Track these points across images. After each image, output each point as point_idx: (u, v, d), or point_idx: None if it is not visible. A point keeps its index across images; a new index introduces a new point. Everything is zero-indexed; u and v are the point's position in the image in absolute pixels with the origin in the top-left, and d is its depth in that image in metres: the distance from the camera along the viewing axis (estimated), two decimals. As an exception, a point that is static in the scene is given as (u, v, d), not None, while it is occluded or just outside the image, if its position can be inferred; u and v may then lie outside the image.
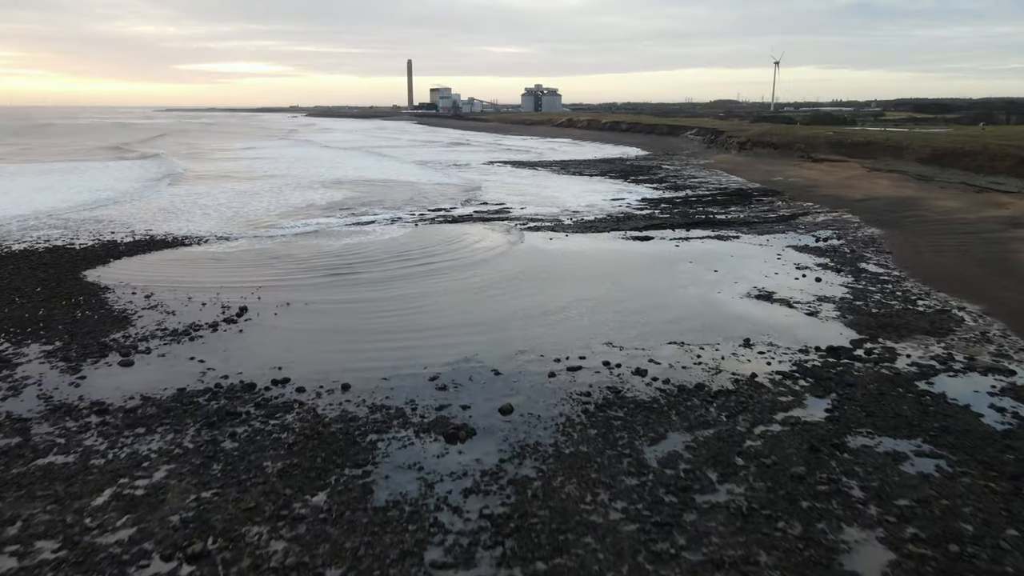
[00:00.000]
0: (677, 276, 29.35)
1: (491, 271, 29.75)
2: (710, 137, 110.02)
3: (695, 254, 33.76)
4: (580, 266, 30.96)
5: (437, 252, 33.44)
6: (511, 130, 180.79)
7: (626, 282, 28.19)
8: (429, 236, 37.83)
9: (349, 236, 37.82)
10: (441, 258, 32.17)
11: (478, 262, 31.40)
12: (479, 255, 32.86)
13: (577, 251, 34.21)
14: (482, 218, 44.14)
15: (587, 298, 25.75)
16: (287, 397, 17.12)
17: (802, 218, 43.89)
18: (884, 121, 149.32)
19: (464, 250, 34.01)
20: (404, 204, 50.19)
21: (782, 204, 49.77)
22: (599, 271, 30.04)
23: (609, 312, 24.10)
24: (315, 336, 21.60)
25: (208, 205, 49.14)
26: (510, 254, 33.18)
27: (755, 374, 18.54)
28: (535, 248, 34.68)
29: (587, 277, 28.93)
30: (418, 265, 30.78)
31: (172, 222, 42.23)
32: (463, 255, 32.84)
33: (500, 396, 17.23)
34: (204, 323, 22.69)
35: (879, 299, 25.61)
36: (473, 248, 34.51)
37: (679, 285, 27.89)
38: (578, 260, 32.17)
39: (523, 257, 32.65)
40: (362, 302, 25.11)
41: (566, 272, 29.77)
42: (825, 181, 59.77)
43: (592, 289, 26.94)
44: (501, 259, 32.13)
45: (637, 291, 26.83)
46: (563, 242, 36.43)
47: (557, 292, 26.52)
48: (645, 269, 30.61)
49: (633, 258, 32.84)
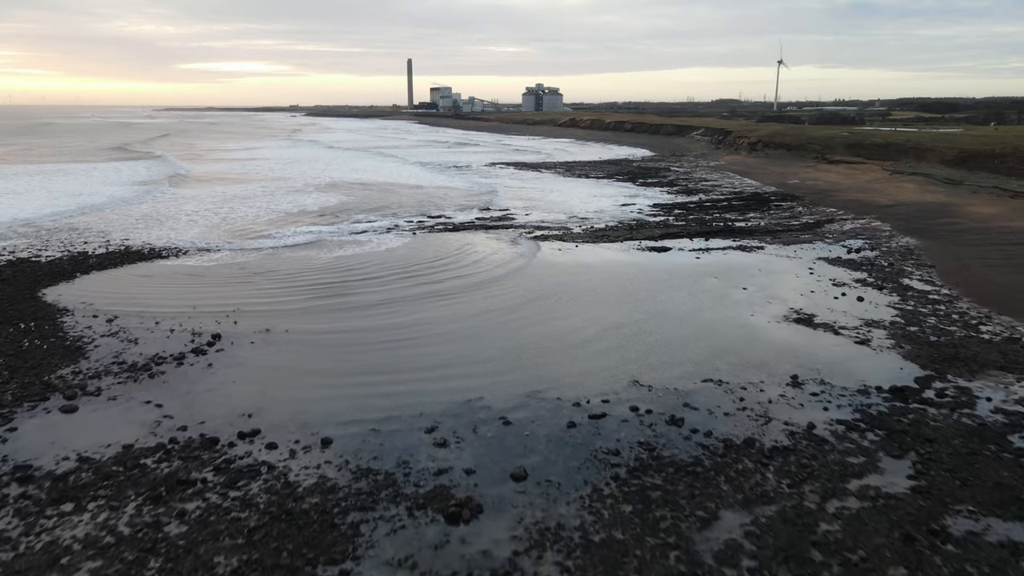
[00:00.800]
0: (702, 295, 26.43)
1: (496, 292, 26.79)
2: (718, 137, 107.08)
3: (719, 268, 30.84)
4: (594, 284, 28.03)
5: (436, 268, 30.49)
6: (512, 130, 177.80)
7: (647, 303, 25.27)
8: (428, 248, 34.90)
9: (341, 247, 34.90)
10: (440, 275, 29.21)
11: (481, 282, 28.42)
12: (482, 272, 29.91)
13: (589, 265, 31.28)
14: (485, 226, 41.24)
15: (605, 324, 22.83)
16: (254, 457, 14.20)
17: (828, 226, 40.96)
18: (892, 121, 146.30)
19: (465, 265, 31.07)
20: (402, 210, 47.28)
21: (803, 210, 46.83)
22: (615, 290, 27.11)
23: (631, 341, 21.17)
24: (294, 373, 18.68)
25: (195, 211, 46.25)
26: (516, 270, 30.24)
27: (812, 424, 15.63)
28: (543, 262, 31.74)
29: (603, 297, 26.00)
30: (414, 284, 27.81)
31: (154, 230, 39.36)
32: (464, 271, 29.88)
33: (511, 455, 14.34)
34: (169, 355, 19.78)
35: (935, 324, 22.68)
36: (475, 263, 31.56)
37: (706, 306, 24.97)
38: (591, 276, 29.24)
39: (531, 274, 29.73)
40: (350, 331, 22.13)
41: (579, 291, 26.83)
42: (846, 185, 56.82)
43: (610, 313, 24.01)
44: (506, 277, 29.19)
45: (660, 314, 23.91)
46: (573, 254, 33.50)
47: (570, 317, 23.59)
48: (666, 287, 27.68)
49: (651, 273, 29.91)
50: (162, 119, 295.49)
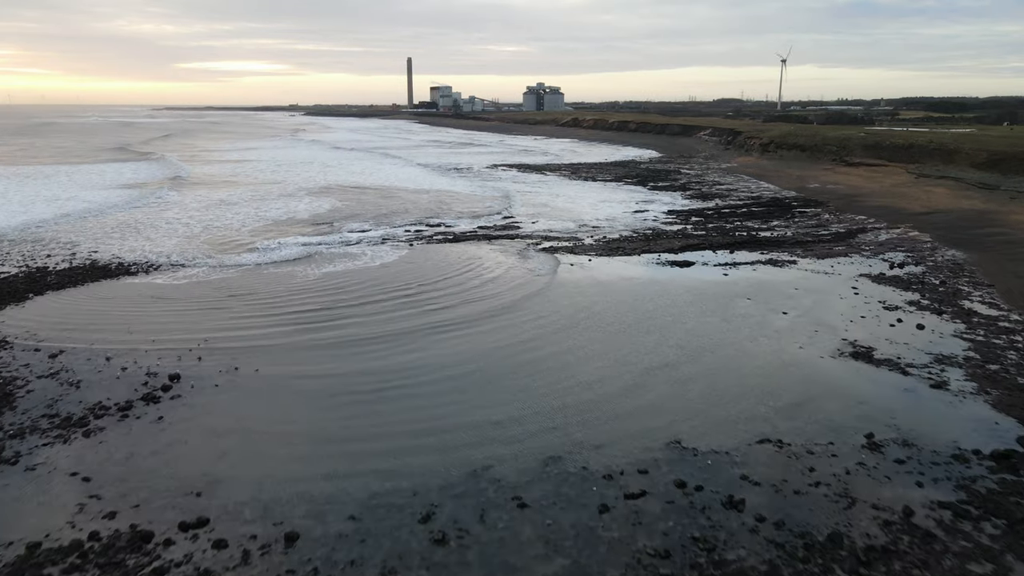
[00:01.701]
0: (738, 322, 23.16)
1: (503, 324, 23.40)
2: (727, 138, 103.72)
3: (751, 287, 27.58)
4: (614, 310, 24.74)
5: (435, 290, 27.12)
6: (514, 130, 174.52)
7: (677, 334, 21.99)
8: (426, 263, 31.59)
9: (330, 262, 31.61)
10: (440, 299, 25.78)
11: (486, 312, 24.92)
12: (487, 296, 26.51)
13: (607, 285, 27.99)
14: (488, 236, 37.97)
15: (630, 362, 19.55)
16: (195, 564, 10.94)
17: (861, 236, 37.65)
18: (902, 121, 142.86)
19: (468, 287, 27.68)
20: (398, 217, 44.01)
21: (830, 217, 43.54)
22: (639, 317, 23.82)
23: (665, 387, 17.90)
24: (262, 432, 15.40)
25: (175, 218, 43.00)
26: (525, 294, 26.88)
27: (909, 509, 12.36)
28: (555, 283, 28.41)
29: (626, 328, 22.69)
30: (410, 311, 24.38)
31: (128, 240, 36.13)
32: (467, 295, 26.50)
33: (530, 557, 11.09)
34: (114, 403, 16.53)
35: (1018, 360, 19.40)
36: (479, 283, 28.18)
37: (745, 337, 21.70)
38: (610, 299, 25.95)
39: (542, 298, 26.41)
40: (333, 375, 18.73)
41: (598, 320, 23.51)
42: (870, 189, 53.51)
43: (636, 349, 20.70)
44: (515, 304, 25.77)
45: (695, 350, 20.62)
46: (588, 271, 30.20)
47: (591, 358, 20.23)
48: (695, 311, 24.40)
49: (677, 295, 26.62)
50: (163, 119, 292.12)
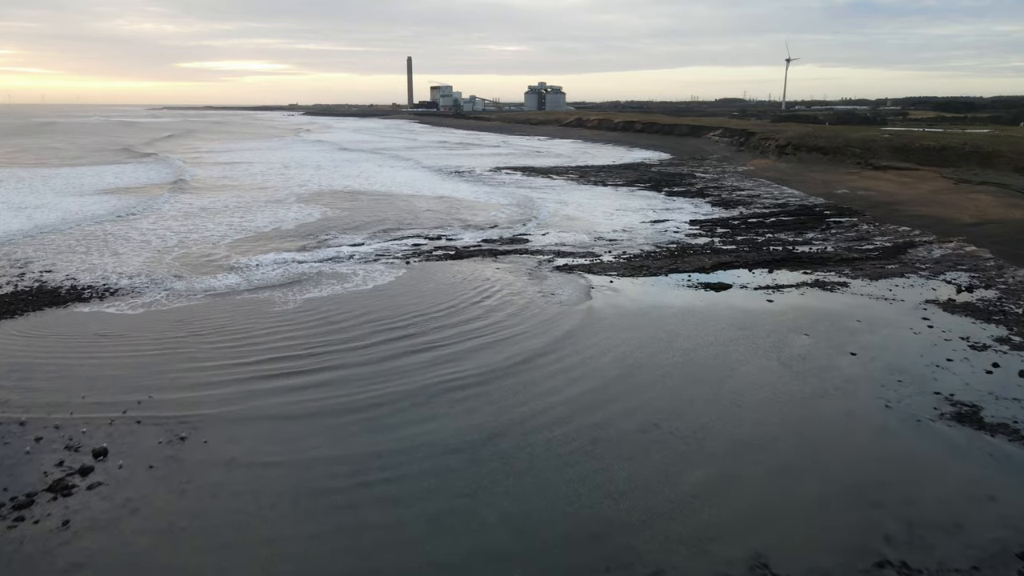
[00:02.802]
0: (800, 366, 19.19)
1: (522, 378, 19.24)
2: (739, 139, 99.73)
3: (803, 317, 23.62)
4: (647, 350, 20.74)
5: (436, 325, 22.90)
6: (516, 130, 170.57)
7: (728, 384, 18.02)
8: (426, 288, 27.56)
9: (315, 284, 27.62)
10: (443, 340, 21.36)
11: (500, 364, 21.00)
12: (498, 335, 22.12)
13: (635, 316, 23.98)
14: (494, 251, 34.00)
15: (677, 431, 15.57)
16: None
17: (912, 252, 33.65)
18: (914, 121, 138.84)
19: (475, 320, 23.44)
20: (395, 228, 40.05)
21: (870, 229, 39.55)
22: (678, 360, 19.82)
23: (728, 466, 13.92)
24: (201, 550, 11.42)
25: (149, 229, 39.08)
26: (542, 332, 22.76)
27: None
28: (576, 316, 24.40)
29: (663, 378, 18.68)
30: (407, 358, 19.88)
31: (92, 256, 32.23)
32: (475, 334, 22.05)
33: None
34: (10, 497, 12.59)
35: None
36: (488, 319, 23.82)
37: (814, 388, 17.72)
38: (641, 336, 21.94)
39: (564, 340, 22.34)
40: (302, 462, 14.48)
41: (633, 369, 19.50)
42: (906, 196, 49.50)
43: (681, 413, 16.65)
44: (533, 351, 21.60)
45: (752, 408, 16.64)
46: (611, 298, 26.19)
47: (629, 429, 16.23)
48: (746, 351, 20.42)
49: (719, 328, 22.62)
50: (165, 118, 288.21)
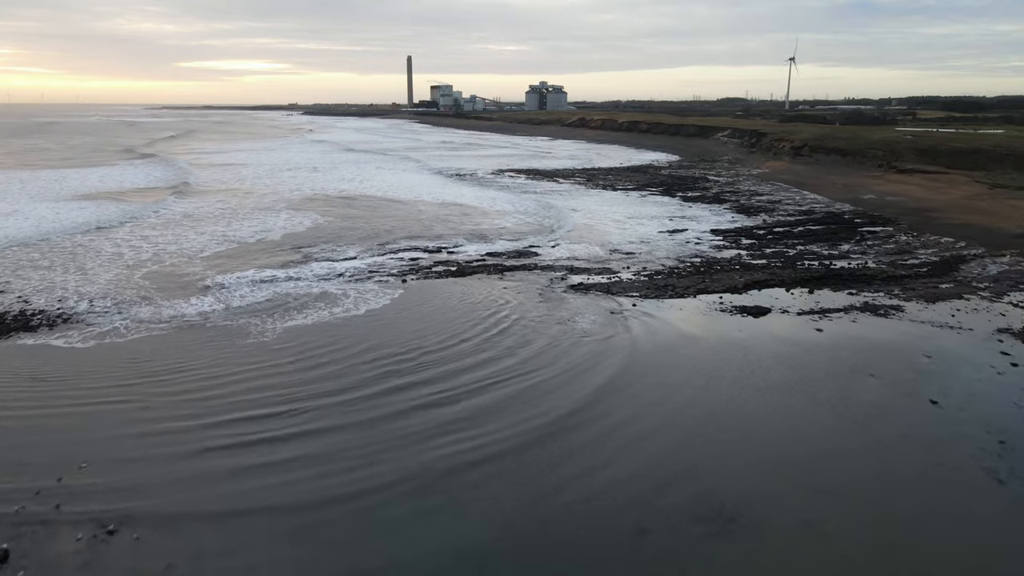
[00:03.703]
0: (875, 422, 15.94)
1: (544, 446, 16.00)
2: (750, 140, 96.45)
3: (862, 352, 20.37)
4: (689, 400, 17.47)
5: (440, 367, 19.40)
6: (518, 130, 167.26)
7: (798, 454, 14.73)
8: (426, 313, 24.23)
9: (299, 309, 24.31)
10: (449, 392, 17.76)
11: (523, 427, 17.73)
12: (512, 385, 18.83)
13: (667, 349, 20.69)
14: (500, 266, 30.73)
15: (756, 527, 12.29)
16: None
17: (964, 268, 30.36)
18: (925, 121, 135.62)
19: (486, 362, 20.02)
20: (391, 238, 36.77)
21: (909, 240, 36.26)
22: (731, 417, 16.53)
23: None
24: None
25: (123, 241, 35.85)
26: (560, 369, 19.61)
27: None
28: (598, 349, 21.14)
29: (715, 439, 15.41)
30: (407, 419, 16.41)
31: (52, 273, 29.05)
32: (486, 380, 18.73)
33: None
34: None
35: None
36: (497, 356, 20.69)
37: (900, 455, 14.47)
38: (678, 378, 18.66)
39: (586, 380, 19.12)
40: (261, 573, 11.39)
41: (675, 422, 16.24)
42: (939, 202, 46.22)
43: (746, 489, 13.41)
44: (548, 390, 18.52)
45: (835, 493, 13.34)
46: (635, 325, 22.89)
47: (680, 502, 12.98)
48: (804, 400, 17.14)
49: (767, 366, 19.35)
50: (167, 118, 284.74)
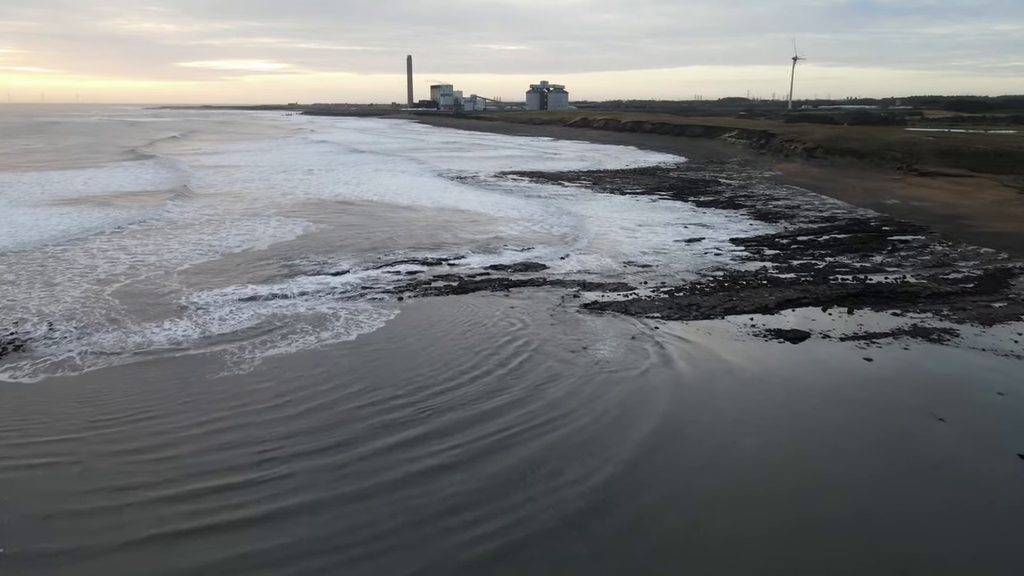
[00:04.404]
0: (951, 479, 13.39)
1: (583, 531, 13.60)
2: (758, 141, 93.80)
3: (923, 389, 17.82)
4: (735, 445, 14.90)
5: (438, 408, 16.89)
6: (519, 130, 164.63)
7: (881, 540, 12.14)
8: (424, 338, 21.61)
9: (281, 335, 21.68)
10: (448, 440, 15.25)
11: (548, 514, 15.10)
12: (526, 424, 16.35)
13: (704, 385, 18.08)
14: (505, 281, 28.14)
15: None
16: None
17: (1014, 283, 27.75)
18: (933, 121, 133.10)
19: (494, 400, 17.57)
20: (386, 248, 34.19)
21: (945, 250, 33.65)
22: (791, 482, 13.96)
23: None
24: None
25: (100, 251, 33.34)
26: (590, 419, 17.05)
27: None
28: (629, 390, 18.57)
29: (769, 521, 12.85)
30: (399, 479, 13.99)
31: (16, 289, 26.79)
32: (494, 428, 16.11)
33: None
34: None
35: None
36: (512, 401, 18.08)
37: (994, 541, 11.87)
38: (720, 423, 16.07)
39: (623, 435, 16.53)
40: None
41: (731, 496, 13.67)
42: (968, 208, 43.63)
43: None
44: (578, 448, 15.97)
45: None
46: (664, 355, 20.27)
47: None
48: (870, 456, 14.56)
49: (814, 407, 16.77)
50: (168, 118, 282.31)
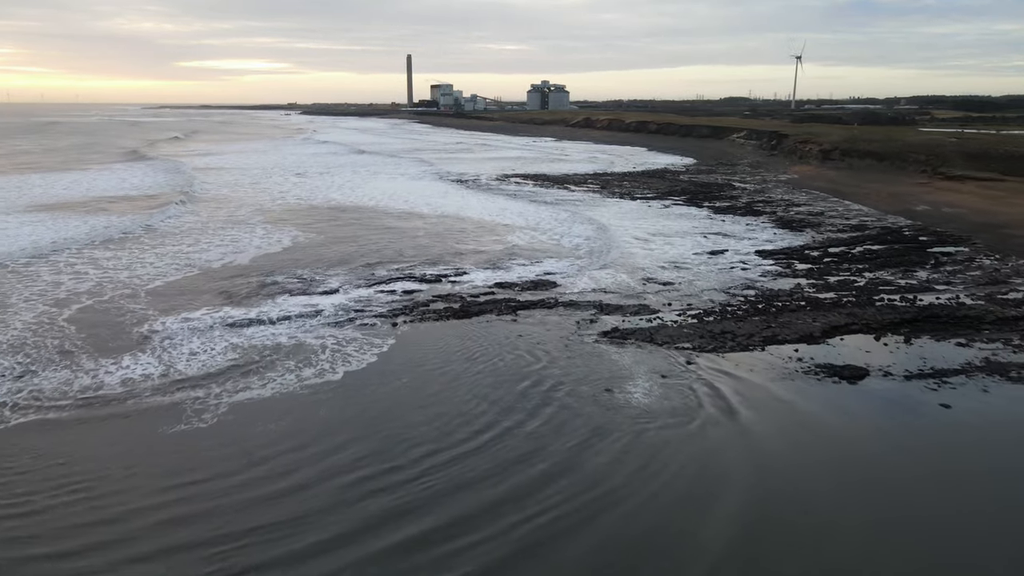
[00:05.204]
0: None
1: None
2: (769, 142, 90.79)
3: (1019, 444, 14.79)
4: (847, 528, 11.90)
5: (444, 475, 13.92)
6: (521, 130, 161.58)
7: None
8: (422, 378, 18.58)
9: (257, 372, 18.66)
10: (461, 539, 12.52)
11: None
12: (561, 513, 13.63)
13: (773, 444, 15.09)
14: (512, 302, 25.12)
15: None
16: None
17: (1083, 305, 24.75)
18: (943, 121, 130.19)
19: (509, 450, 14.69)
20: (383, 261, 31.21)
21: (995, 264, 30.65)
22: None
23: None
24: None
25: (66, 265, 30.43)
26: (642, 499, 14.10)
27: None
28: (685, 455, 15.59)
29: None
30: None
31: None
32: (518, 502, 13.28)
33: None
34: None
35: None
36: (536, 478, 15.24)
37: None
38: (817, 509, 13.09)
39: (699, 536, 13.59)
40: None
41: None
42: (1008, 216, 40.60)
43: None
44: (627, 529, 12.96)
45: None
46: (701, 393, 17.30)
47: None
48: (989, 555, 11.56)
49: (897, 470, 13.78)
50: (169, 118, 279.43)
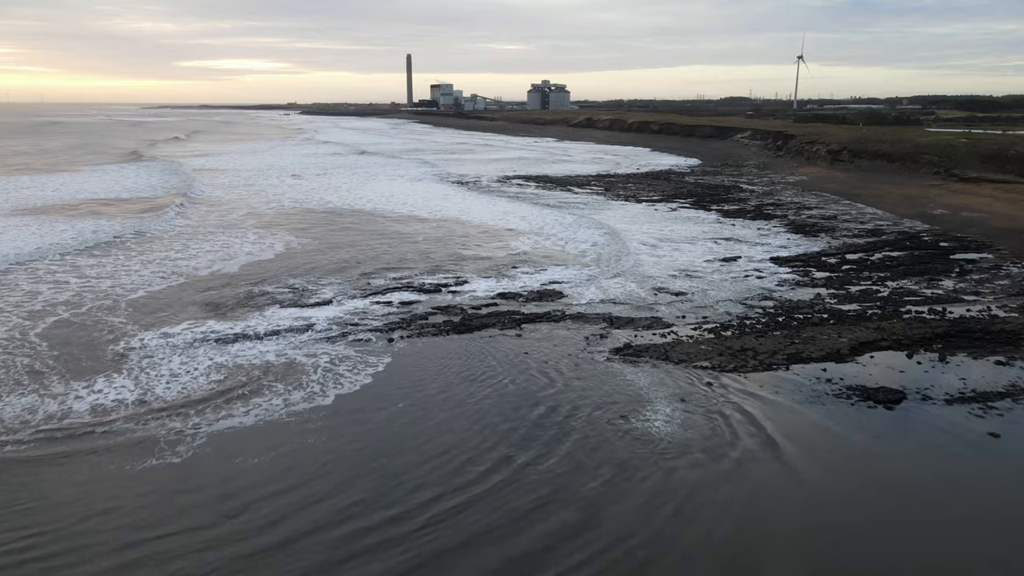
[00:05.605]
0: None
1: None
2: (775, 143, 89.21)
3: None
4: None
5: (451, 526, 12.38)
6: (522, 131, 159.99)
7: None
8: (420, 404, 16.99)
9: (240, 397, 17.08)
10: None
11: None
12: (584, 561, 12.07)
13: (820, 485, 13.53)
14: (516, 315, 23.55)
15: None
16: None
17: None
18: (949, 121, 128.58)
19: (522, 492, 13.12)
20: (376, 269, 29.66)
21: (1022, 272, 29.10)
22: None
23: None
24: None
25: (46, 274, 28.94)
26: (674, 539, 12.50)
27: None
28: (705, 476, 14.01)
29: None
30: None
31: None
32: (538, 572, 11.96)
33: None
34: None
35: None
36: (541, 493, 13.53)
37: None
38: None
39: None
40: None
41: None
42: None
43: None
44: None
45: None
46: (733, 421, 15.72)
47: None
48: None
49: (952, 526, 12.22)
50: (170, 117, 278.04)
